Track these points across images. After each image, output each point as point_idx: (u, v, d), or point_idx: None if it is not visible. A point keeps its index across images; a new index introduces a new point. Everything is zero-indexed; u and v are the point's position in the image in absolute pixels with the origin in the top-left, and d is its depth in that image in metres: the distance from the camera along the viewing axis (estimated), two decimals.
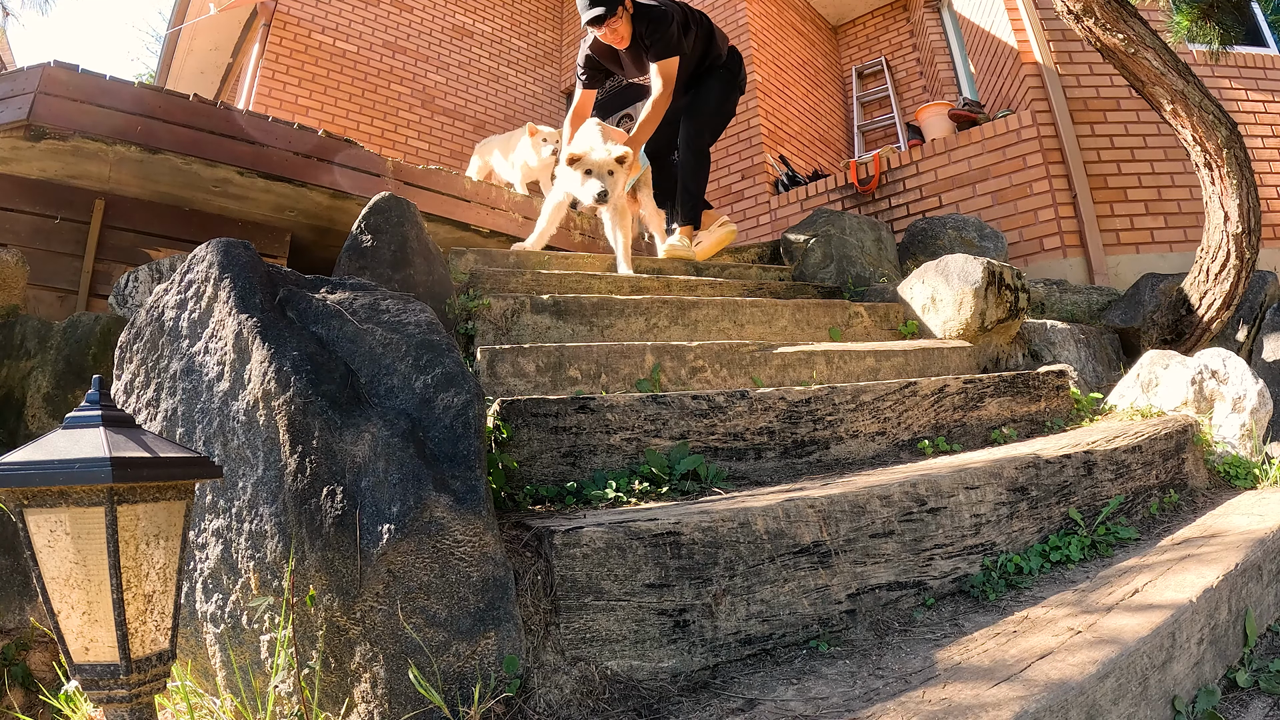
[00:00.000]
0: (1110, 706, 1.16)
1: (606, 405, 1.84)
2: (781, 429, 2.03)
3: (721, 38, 4.07)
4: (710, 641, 1.35)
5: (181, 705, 1.33)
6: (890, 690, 1.19)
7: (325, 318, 1.50)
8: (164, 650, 1.00)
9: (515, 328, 2.58)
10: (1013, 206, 5.06)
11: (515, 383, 2.21)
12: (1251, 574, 1.62)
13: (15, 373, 2.51)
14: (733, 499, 1.65)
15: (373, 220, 2.62)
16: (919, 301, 3.31)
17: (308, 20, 7.24)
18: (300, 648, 1.23)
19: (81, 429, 0.95)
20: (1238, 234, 3.27)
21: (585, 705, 1.22)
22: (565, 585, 1.29)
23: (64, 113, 3.49)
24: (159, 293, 1.60)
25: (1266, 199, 4.43)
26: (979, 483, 1.76)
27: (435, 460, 1.31)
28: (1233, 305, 3.39)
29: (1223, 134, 3.23)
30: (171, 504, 0.99)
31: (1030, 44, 5.23)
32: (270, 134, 4.04)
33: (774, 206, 6.47)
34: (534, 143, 5.40)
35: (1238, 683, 1.47)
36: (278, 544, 1.28)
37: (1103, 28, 3.31)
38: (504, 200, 4.92)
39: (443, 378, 1.41)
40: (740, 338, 2.88)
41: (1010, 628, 1.39)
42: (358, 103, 7.38)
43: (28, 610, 2.03)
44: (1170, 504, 2.15)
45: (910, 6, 7.82)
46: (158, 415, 1.51)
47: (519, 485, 1.71)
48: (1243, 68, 5.19)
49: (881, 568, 1.56)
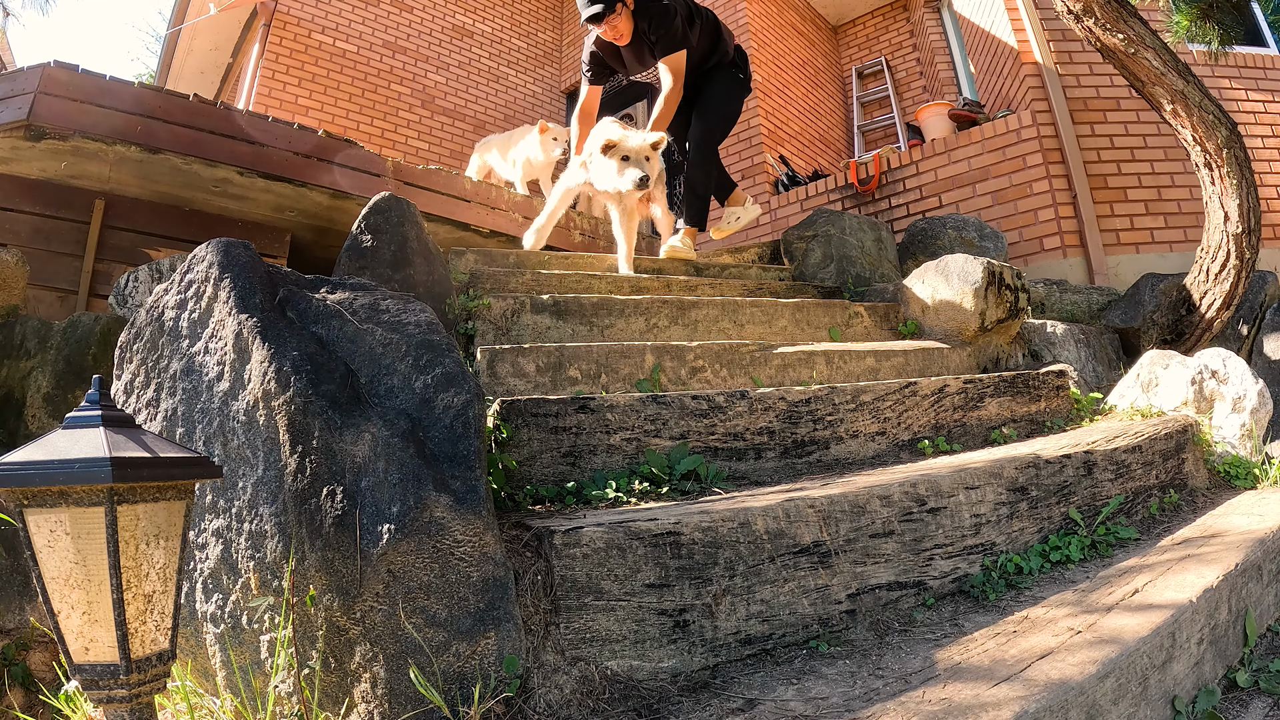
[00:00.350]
0: (1110, 706, 1.16)
1: (606, 405, 1.84)
2: (781, 429, 2.03)
3: (728, 34, 4.03)
4: (710, 641, 1.35)
5: (181, 705, 1.33)
6: (890, 690, 1.19)
7: (325, 318, 1.50)
8: (164, 650, 1.00)
9: (515, 328, 2.59)
10: (1013, 206, 5.06)
11: (515, 383, 2.21)
12: (1251, 574, 1.62)
13: (15, 373, 2.51)
14: (733, 499, 1.65)
15: (373, 220, 2.62)
16: (919, 301, 3.31)
17: (308, 20, 7.24)
18: (300, 648, 1.23)
19: (81, 429, 0.95)
20: (1238, 234, 3.27)
21: (585, 705, 1.22)
22: (565, 585, 1.29)
23: (64, 113, 3.50)
24: (159, 293, 1.60)
25: (1266, 199, 4.43)
26: (979, 483, 1.75)
27: (435, 460, 1.31)
28: (1233, 305, 3.39)
29: (1223, 134, 3.23)
30: (171, 504, 0.99)
31: (1030, 44, 5.23)
32: (270, 134, 4.04)
33: (774, 206, 6.47)
34: (544, 140, 5.35)
35: (1238, 683, 1.47)
36: (278, 544, 1.28)
37: (1103, 28, 3.31)
38: (504, 200, 4.92)
39: (443, 378, 1.41)
40: (740, 338, 2.88)
41: (1010, 628, 1.39)
42: (358, 103, 7.39)
43: (28, 610, 2.02)
44: (1170, 504, 2.15)
45: (910, 6, 7.82)
46: (158, 415, 1.51)
47: (519, 485, 1.70)
48: (1243, 68, 5.19)
49: (881, 568, 1.56)
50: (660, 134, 3.23)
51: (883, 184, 5.72)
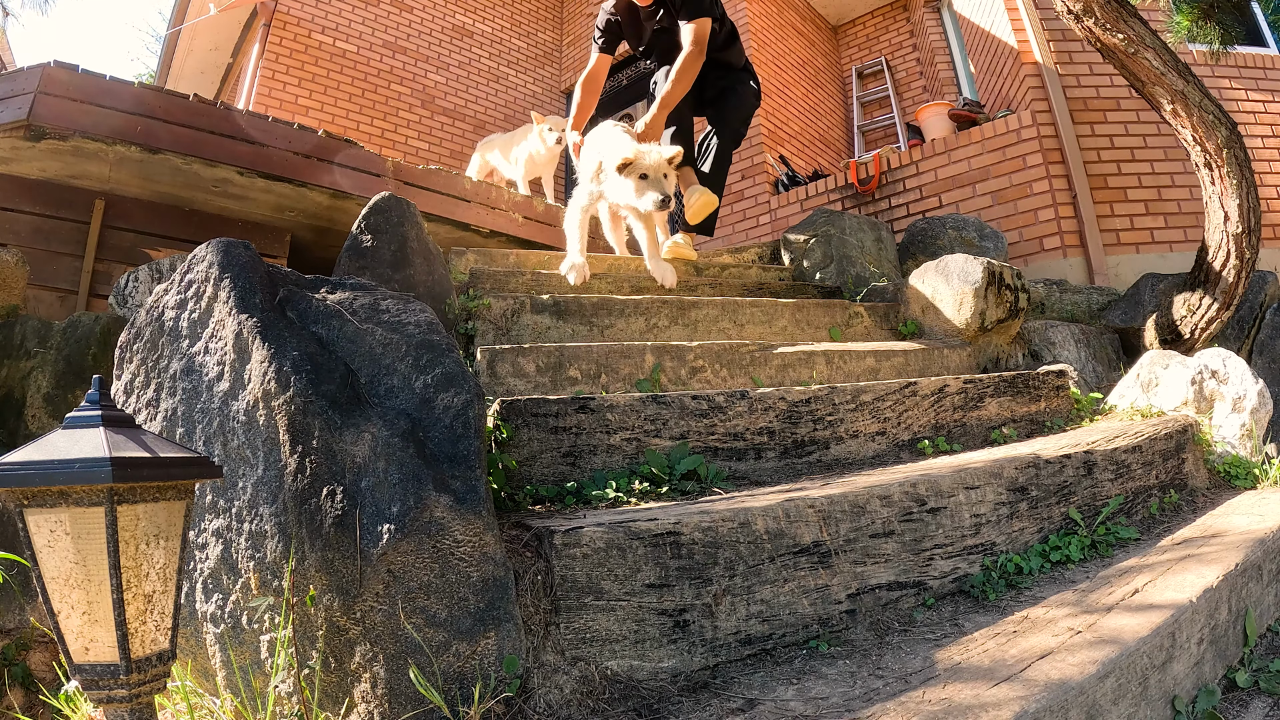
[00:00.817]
0: (1110, 706, 1.16)
1: (606, 405, 1.84)
2: (781, 429, 2.03)
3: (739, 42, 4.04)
4: (710, 641, 1.35)
5: (181, 705, 1.33)
6: (890, 690, 1.19)
7: (325, 318, 1.50)
8: (164, 650, 1.00)
9: (515, 328, 2.59)
10: (1013, 206, 5.06)
11: (515, 383, 2.21)
12: (1251, 574, 1.62)
13: (15, 373, 2.51)
14: (733, 499, 1.65)
15: (373, 220, 2.62)
16: (919, 301, 3.31)
17: (308, 20, 7.24)
18: (300, 648, 1.23)
19: (81, 429, 0.95)
20: (1238, 234, 3.27)
21: (585, 705, 1.22)
22: (565, 585, 1.28)
23: (64, 113, 3.50)
24: (159, 293, 1.60)
25: (1266, 199, 4.43)
26: (979, 483, 1.75)
27: (435, 460, 1.31)
28: (1233, 305, 3.38)
29: (1223, 134, 3.23)
30: (171, 504, 0.99)
31: (1030, 44, 5.23)
32: (270, 134, 4.04)
33: (774, 206, 6.46)
34: (540, 132, 5.35)
35: (1238, 683, 1.47)
36: (278, 544, 1.28)
37: (1103, 28, 3.30)
38: (504, 200, 4.92)
39: (443, 378, 1.41)
40: (740, 338, 2.88)
41: (1010, 628, 1.39)
42: (358, 103, 7.38)
43: (28, 610, 2.02)
44: (1170, 504, 2.15)
45: (910, 6, 7.82)
46: (158, 415, 1.51)
47: (519, 485, 1.70)
48: (1243, 68, 5.19)
49: (881, 568, 1.56)
50: (677, 150, 3.08)
51: (883, 184, 5.72)
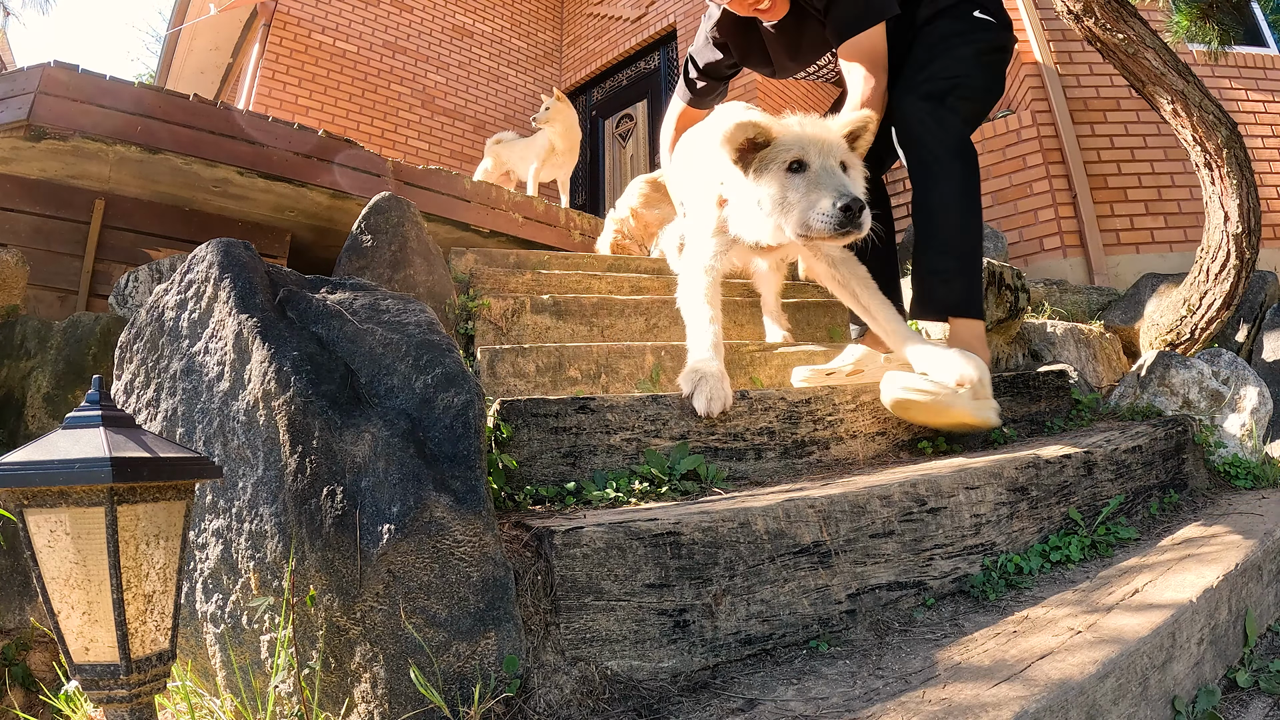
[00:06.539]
0: (1110, 706, 1.16)
1: (606, 405, 1.84)
2: (781, 429, 2.03)
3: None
4: (710, 641, 1.35)
5: (181, 705, 1.33)
6: (890, 690, 1.19)
7: (325, 318, 1.50)
8: (164, 650, 1.00)
9: (515, 328, 2.58)
10: (1013, 206, 5.06)
11: (515, 383, 2.21)
12: (1251, 574, 1.62)
13: (15, 373, 2.51)
14: (733, 499, 1.65)
15: (373, 220, 2.62)
16: None
17: (308, 20, 7.24)
18: (300, 648, 1.23)
19: (81, 429, 0.95)
20: (1238, 234, 3.27)
21: (585, 705, 1.22)
22: (565, 585, 1.28)
23: (64, 113, 3.50)
24: (159, 293, 1.60)
25: (1266, 199, 4.43)
26: (979, 483, 1.75)
27: (435, 460, 1.31)
28: (1233, 305, 3.39)
29: (1223, 134, 3.23)
30: (171, 504, 0.99)
31: (1030, 44, 5.23)
32: (270, 134, 4.05)
33: None
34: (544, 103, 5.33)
35: (1238, 683, 1.47)
36: (278, 544, 1.28)
37: (1103, 28, 3.31)
38: (504, 200, 4.92)
39: (443, 378, 1.41)
40: (740, 338, 2.88)
41: (1010, 628, 1.39)
42: (358, 103, 7.39)
43: (28, 610, 2.03)
44: (1170, 504, 2.15)
45: None
46: (158, 415, 1.51)
47: (519, 485, 1.70)
48: (1243, 68, 5.19)
49: (881, 568, 1.56)
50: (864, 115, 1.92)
51: None
